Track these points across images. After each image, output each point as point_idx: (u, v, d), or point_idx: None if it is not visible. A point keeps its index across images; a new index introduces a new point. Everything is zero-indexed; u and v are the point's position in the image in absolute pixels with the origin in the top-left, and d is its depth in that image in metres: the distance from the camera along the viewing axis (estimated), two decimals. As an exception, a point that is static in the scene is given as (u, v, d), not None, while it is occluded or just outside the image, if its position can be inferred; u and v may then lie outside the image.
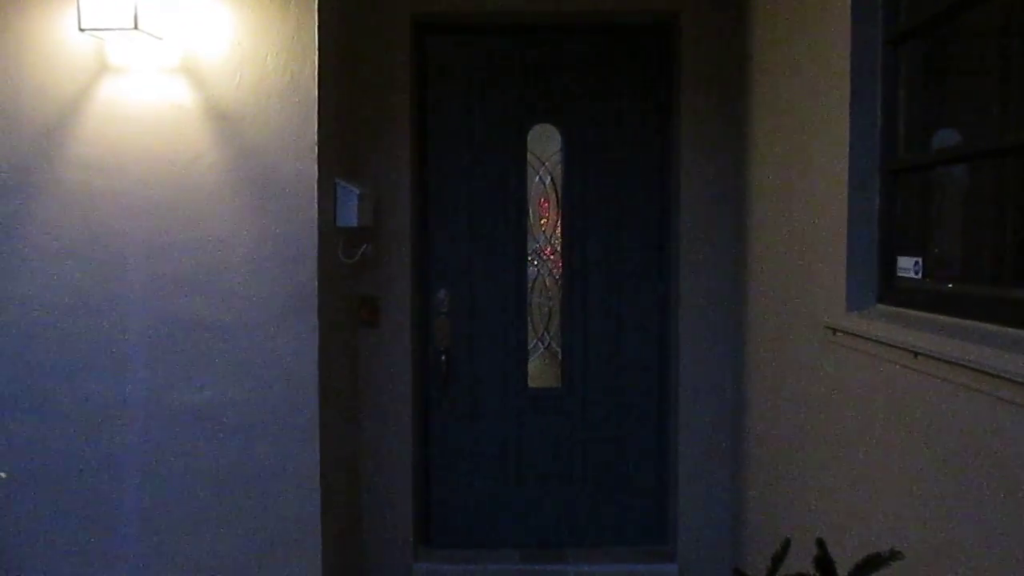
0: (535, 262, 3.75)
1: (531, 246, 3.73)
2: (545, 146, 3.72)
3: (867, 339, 2.13)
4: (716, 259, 3.53)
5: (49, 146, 2.77)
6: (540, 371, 3.78)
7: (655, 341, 3.72)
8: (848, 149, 2.25)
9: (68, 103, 2.77)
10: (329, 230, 2.95)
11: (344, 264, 3.13)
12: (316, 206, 2.80)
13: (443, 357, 3.67)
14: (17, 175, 2.78)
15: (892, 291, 2.20)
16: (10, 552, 2.85)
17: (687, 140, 3.51)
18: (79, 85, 2.77)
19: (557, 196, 3.73)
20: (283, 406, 2.83)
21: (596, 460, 3.75)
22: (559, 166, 3.72)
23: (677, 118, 3.56)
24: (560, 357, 3.75)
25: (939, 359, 1.76)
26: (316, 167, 2.79)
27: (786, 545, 1.70)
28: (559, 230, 3.74)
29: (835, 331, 2.33)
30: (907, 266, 2.12)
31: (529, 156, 3.70)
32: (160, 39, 2.69)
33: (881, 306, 2.23)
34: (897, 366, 1.96)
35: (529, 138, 3.69)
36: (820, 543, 1.66)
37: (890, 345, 2.00)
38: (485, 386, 3.72)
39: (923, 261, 2.08)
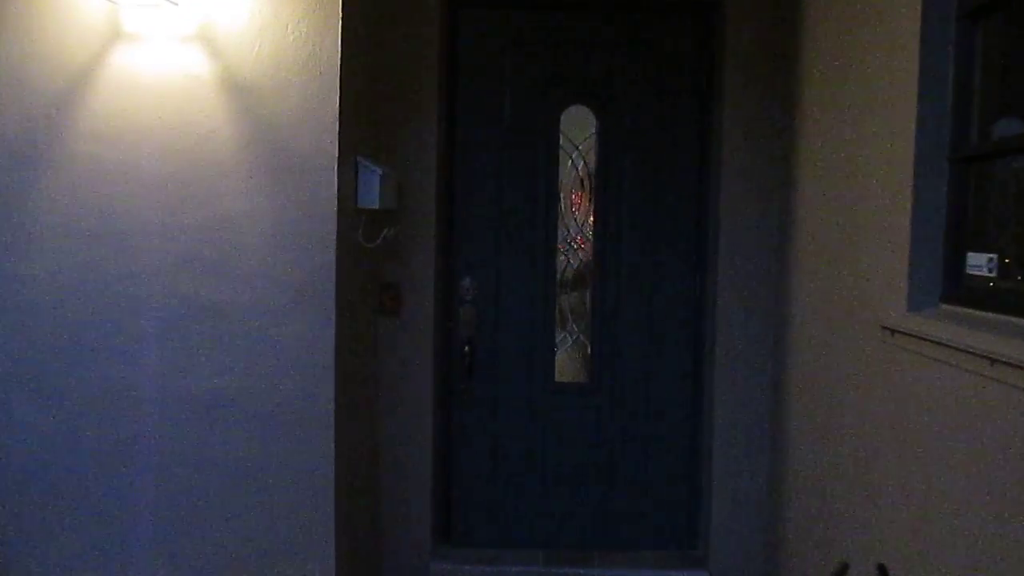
0: (565, 251, 3.60)
1: (561, 234, 3.58)
2: (579, 129, 3.55)
3: (933, 342, 1.96)
4: (757, 251, 3.36)
5: (58, 117, 2.66)
6: (567, 365, 3.64)
7: (689, 337, 3.56)
8: (914, 133, 2.07)
9: (79, 72, 2.65)
10: (349, 211, 2.82)
11: (364, 248, 3.00)
12: (336, 185, 2.67)
13: (467, 347, 3.53)
14: (24, 147, 2.67)
15: (959, 290, 2.03)
16: (15, 546, 2.75)
17: (728, 125, 3.33)
18: (91, 53, 2.65)
19: (590, 183, 3.57)
20: (298, 395, 2.72)
21: (625, 459, 3.60)
22: (592, 151, 3.56)
23: (719, 101, 3.39)
24: (589, 351, 3.61)
25: (1019, 367, 1.59)
26: (337, 144, 2.66)
27: (844, 570, 1.55)
28: (591, 218, 3.58)
29: (894, 332, 2.16)
30: (979, 263, 1.94)
31: (562, 140, 3.54)
32: (176, 4, 2.57)
33: (946, 306, 2.06)
34: (968, 373, 1.79)
35: (562, 120, 3.53)
36: (882, 570, 1.51)
37: (961, 350, 1.83)
38: (510, 378, 3.57)
39: (998, 258, 1.90)
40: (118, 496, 2.74)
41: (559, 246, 3.57)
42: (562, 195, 3.57)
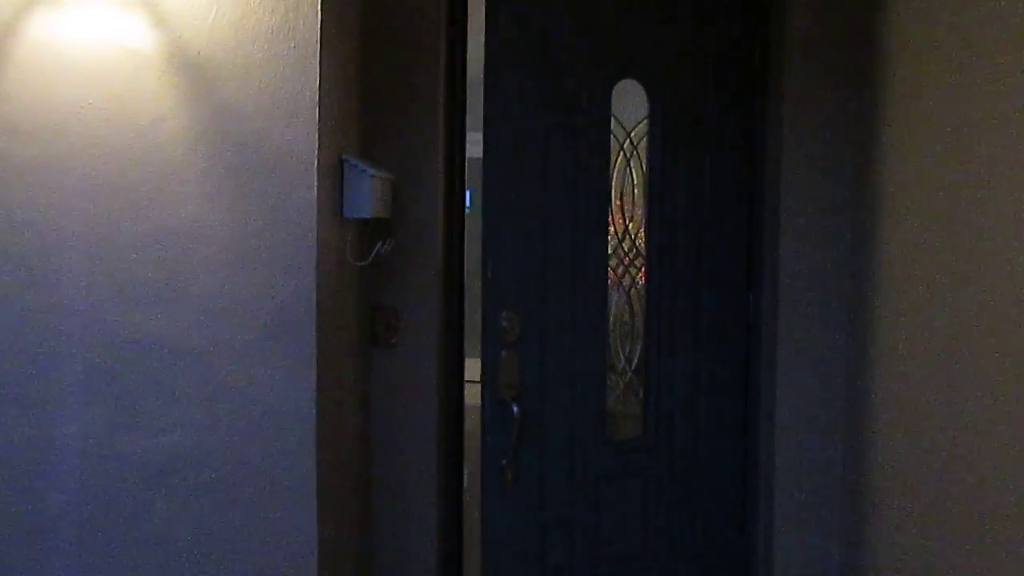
0: (615, 270, 3.20)
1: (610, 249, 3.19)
2: (628, 112, 3.15)
3: None
4: (829, 271, 3.05)
5: (-41, 103, 2.37)
6: (618, 415, 3.22)
7: (742, 378, 3.25)
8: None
9: (-13, 47, 2.37)
10: (333, 222, 2.52)
11: (352, 267, 2.68)
12: (316, 189, 2.37)
13: (516, 408, 2.99)
14: (-83, 142, 2.38)
15: None
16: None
17: (791, 112, 3.02)
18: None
19: (644, 181, 3.17)
20: (269, 457, 2.43)
21: (683, 535, 3.23)
22: (644, 140, 3.15)
23: (779, 82, 3.05)
24: (642, 396, 3.19)
25: None
26: (316, 136, 2.36)
27: None
28: (643, 228, 3.18)
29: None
30: None
31: (612, 124, 3.13)
32: (107, -42, 2.28)
33: None
34: None
35: (612, 99, 3.12)
36: None
37: None
38: (561, 443, 3.12)
39: None
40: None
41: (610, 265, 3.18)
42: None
